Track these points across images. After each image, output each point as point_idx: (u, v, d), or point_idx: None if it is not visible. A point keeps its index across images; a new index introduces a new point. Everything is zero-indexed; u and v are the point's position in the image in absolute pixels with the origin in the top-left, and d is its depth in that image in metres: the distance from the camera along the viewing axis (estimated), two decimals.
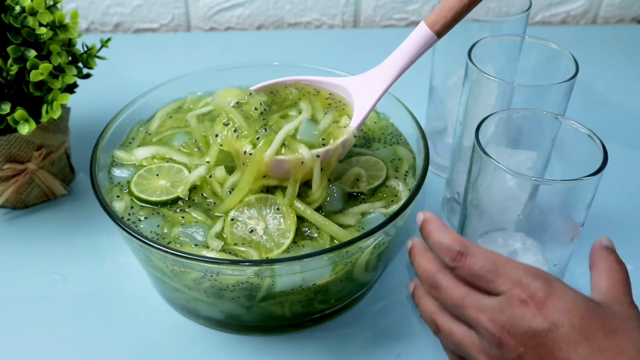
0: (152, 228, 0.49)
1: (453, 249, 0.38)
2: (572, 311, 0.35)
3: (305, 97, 0.54)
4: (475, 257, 0.38)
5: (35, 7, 0.54)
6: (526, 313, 0.35)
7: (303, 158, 0.48)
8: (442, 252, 0.39)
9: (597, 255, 0.43)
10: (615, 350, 0.34)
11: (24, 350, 0.51)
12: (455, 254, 0.38)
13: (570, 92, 0.49)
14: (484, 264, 0.37)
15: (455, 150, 0.56)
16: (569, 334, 0.35)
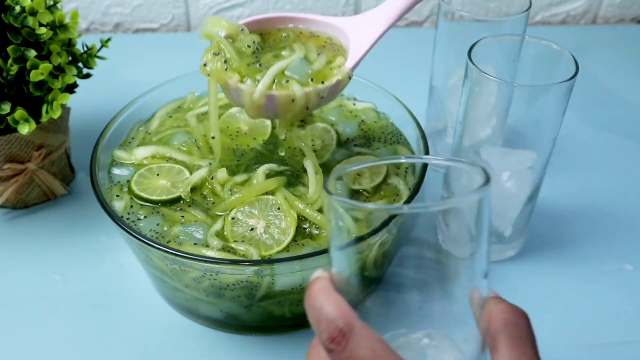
0: (151, 227, 0.49)
1: (335, 324, 0.30)
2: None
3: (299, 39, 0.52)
4: (359, 345, 0.29)
5: (35, 7, 0.54)
6: None
7: (294, 95, 0.46)
8: (321, 324, 0.30)
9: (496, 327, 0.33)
10: None
11: (24, 350, 0.51)
12: (335, 332, 0.30)
13: (570, 92, 0.49)
14: (367, 354, 0.29)
15: (455, 150, 0.56)
16: None
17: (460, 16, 0.59)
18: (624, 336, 0.53)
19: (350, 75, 0.48)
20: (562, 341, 0.52)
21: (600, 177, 0.69)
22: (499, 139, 0.53)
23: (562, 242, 0.61)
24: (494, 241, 0.58)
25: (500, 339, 0.31)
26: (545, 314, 0.54)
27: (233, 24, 0.49)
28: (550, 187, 0.66)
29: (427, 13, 0.99)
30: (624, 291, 0.56)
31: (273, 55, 0.49)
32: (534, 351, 0.31)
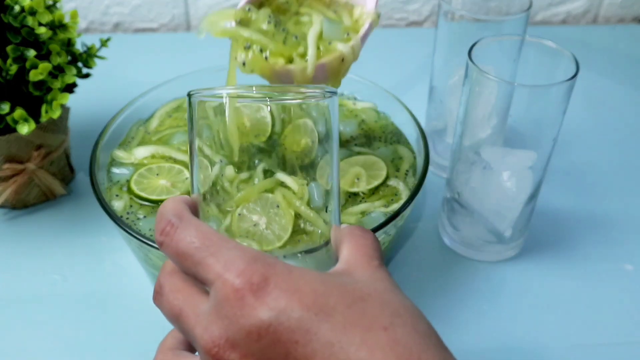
0: (150, 226, 0.49)
1: (165, 218, 0.30)
2: (300, 289, 0.27)
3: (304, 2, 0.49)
4: (186, 231, 0.29)
5: (35, 6, 0.54)
6: (244, 308, 0.26)
7: (343, 55, 0.44)
8: (156, 224, 0.31)
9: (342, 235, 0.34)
10: (365, 323, 0.27)
11: (24, 351, 0.51)
12: (165, 224, 0.30)
13: (571, 91, 0.49)
14: (194, 239, 0.29)
15: (456, 150, 0.56)
16: (303, 319, 0.26)
17: (460, 16, 0.59)
18: (624, 336, 0.53)
19: (378, 14, 0.46)
20: (562, 341, 0.52)
21: (601, 177, 0.69)
22: (499, 139, 0.53)
23: (563, 242, 0.61)
24: (494, 241, 0.58)
25: (345, 244, 0.32)
26: (546, 313, 0.54)
27: (238, 9, 0.46)
28: (551, 187, 0.66)
29: (427, 13, 0.99)
30: (624, 291, 0.56)
31: (293, 22, 0.46)
32: (377, 255, 0.32)
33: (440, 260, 0.59)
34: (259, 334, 0.26)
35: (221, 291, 0.27)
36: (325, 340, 0.26)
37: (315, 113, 0.35)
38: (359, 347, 0.26)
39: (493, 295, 0.56)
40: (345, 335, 0.26)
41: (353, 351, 0.26)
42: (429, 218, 0.63)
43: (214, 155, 0.36)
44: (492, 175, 0.53)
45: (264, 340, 0.26)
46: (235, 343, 0.27)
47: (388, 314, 0.28)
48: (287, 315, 0.26)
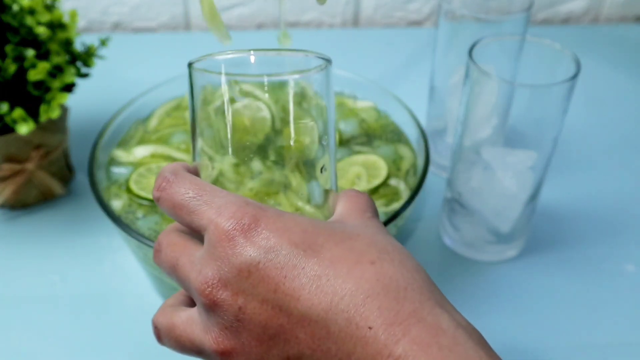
0: (150, 225, 0.49)
1: (162, 175, 0.31)
2: (290, 229, 0.28)
3: None
4: (180, 184, 0.31)
5: (34, 6, 0.54)
6: (235, 247, 0.27)
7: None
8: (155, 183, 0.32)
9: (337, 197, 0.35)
10: (353, 258, 0.27)
11: (23, 351, 0.51)
12: (161, 181, 0.31)
13: (572, 91, 0.48)
14: (188, 190, 0.30)
15: (456, 150, 0.56)
16: (291, 255, 0.27)
17: (461, 15, 0.58)
18: (625, 337, 0.52)
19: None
20: (563, 341, 0.52)
21: (602, 177, 0.69)
22: (499, 139, 0.53)
23: (564, 242, 0.61)
24: (494, 241, 0.57)
25: (339, 203, 0.33)
26: (546, 314, 0.54)
27: None
28: (552, 187, 0.66)
29: (427, 13, 0.99)
30: (625, 292, 0.56)
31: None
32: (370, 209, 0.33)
33: (440, 260, 0.59)
34: (249, 271, 0.27)
35: (214, 234, 0.28)
36: (312, 274, 0.27)
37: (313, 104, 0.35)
38: (345, 279, 0.27)
39: (493, 296, 0.56)
40: (333, 269, 0.27)
41: (340, 283, 0.27)
42: (430, 218, 0.63)
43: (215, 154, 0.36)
44: (492, 175, 0.53)
45: (253, 276, 0.27)
46: (227, 281, 0.27)
47: (375, 251, 0.28)
48: (276, 252, 0.27)
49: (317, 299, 0.27)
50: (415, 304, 0.27)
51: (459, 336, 0.26)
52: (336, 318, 0.26)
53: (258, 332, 0.28)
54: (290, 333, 0.27)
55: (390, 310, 0.26)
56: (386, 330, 0.26)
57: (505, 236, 0.57)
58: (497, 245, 0.58)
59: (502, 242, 0.57)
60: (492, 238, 0.57)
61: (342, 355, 0.26)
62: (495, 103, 0.50)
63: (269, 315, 0.27)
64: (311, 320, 0.27)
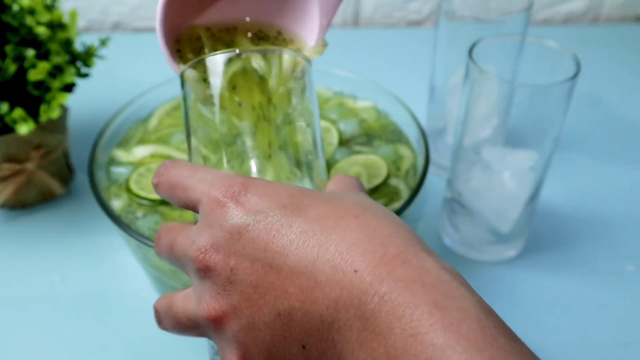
0: (150, 225, 0.49)
1: (162, 164, 0.34)
2: (278, 193, 0.29)
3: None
4: (177, 166, 0.33)
5: (34, 6, 0.54)
6: (226, 213, 0.29)
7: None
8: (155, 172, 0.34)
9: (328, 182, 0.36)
10: (338, 213, 0.29)
11: (23, 351, 0.51)
12: (160, 168, 0.33)
13: (572, 91, 0.48)
14: (184, 170, 0.32)
15: (456, 150, 0.56)
16: (279, 215, 0.28)
17: (461, 15, 0.58)
18: (625, 337, 0.52)
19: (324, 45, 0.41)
20: (563, 341, 0.52)
21: (602, 177, 0.69)
22: (499, 139, 0.53)
23: (564, 242, 0.61)
24: (494, 241, 0.57)
25: (329, 184, 0.35)
26: (547, 314, 0.54)
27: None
28: (552, 187, 0.66)
29: (427, 13, 0.99)
30: (625, 292, 0.56)
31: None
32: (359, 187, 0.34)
33: None
34: (240, 233, 0.28)
35: (207, 204, 0.30)
36: (300, 230, 0.28)
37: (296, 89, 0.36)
38: (331, 232, 0.28)
39: (493, 296, 0.56)
40: (319, 224, 0.28)
41: (326, 236, 0.28)
42: (430, 218, 0.63)
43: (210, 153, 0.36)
44: (492, 175, 0.53)
45: (244, 238, 0.28)
46: (219, 245, 0.29)
47: (360, 208, 0.29)
48: (265, 214, 0.28)
49: (304, 253, 0.27)
50: (400, 248, 0.27)
51: (442, 275, 0.27)
52: (323, 267, 0.27)
53: (249, 292, 0.28)
54: (280, 289, 0.28)
55: (375, 254, 0.27)
56: (371, 271, 0.26)
57: (505, 236, 0.57)
58: (497, 245, 0.58)
59: (502, 242, 0.57)
60: (492, 238, 0.57)
61: (329, 302, 0.27)
62: (495, 103, 0.50)
63: (260, 274, 0.28)
64: (300, 273, 0.27)
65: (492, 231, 0.57)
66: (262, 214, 0.28)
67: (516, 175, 0.53)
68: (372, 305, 0.26)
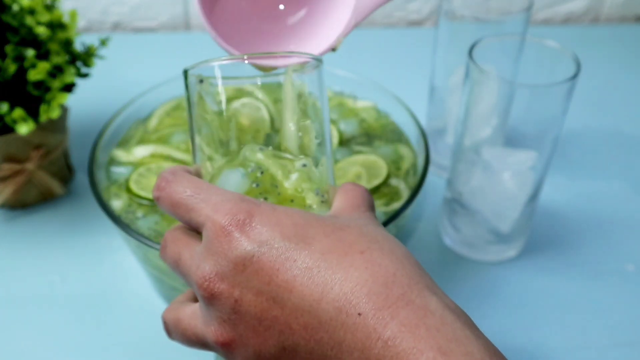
0: (149, 225, 0.49)
1: (162, 176, 0.33)
2: (282, 223, 0.29)
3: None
4: (178, 183, 0.32)
5: (34, 6, 0.54)
6: (231, 242, 0.29)
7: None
8: (155, 184, 0.33)
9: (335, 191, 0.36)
10: (343, 248, 0.28)
11: (22, 351, 0.51)
12: (161, 181, 0.33)
13: (572, 91, 0.48)
14: (186, 189, 0.31)
15: (456, 150, 0.56)
16: (283, 248, 0.28)
17: (461, 15, 0.58)
18: (625, 337, 0.52)
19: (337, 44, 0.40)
20: (563, 341, 0.52)
21: (602, 177, 0.69)
22: (499, 139, 0.53)
23: (564, 242, 0.61)
24: (495, 241, 0.57)
25: (337, 196, 0.34)
26: (546, 314, 0.54)
27: None
28: (552, 187, 0.66)
29: (427, 13, 0.99)
30: (625, 292, 0.56)
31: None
32: (366, 204, 0.34)
33: (440, 260, 0.59)
34: (244, 265, 0.28)
35: (211, 230, 0.30)
36: (304, 266, 0.28)
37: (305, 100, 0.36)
38: (335, 270, 0.28)
39: (494, 296, 0.56)
40: (324, 261, 0.28)
41: (330, 274, 0.27)
42: (430, 218, 0.63)
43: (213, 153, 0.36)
44: (492, 175, 0.53)
45: (248, 269, 0.28)
46: (224, 275, 0.29)
47: (365, 241, 0.29)
48: (269, 245, 0.28)
49: (309, 290, 0.27)
50: (404, 288, 0.27)
51: (446, 317, 0.27)
52: (327, 308, 0.27)
53: (254, 324, 0.28)
54: (285, 324, 0.28)
55: (378, 295, 0.27)
56: (375, 315, 0.26)
57: (505, 236, 0.57)
58: (497, 245, 0.58)
59: (502, 242, 0.57)
60: (492, 238, 0.57)
61: (334, 344, 0.27)
62: (495, 103, 0.50)
63: (264, 307, 0.28)
64: (304, 311, 0.27)
65: (492, 231, 0.57)
66: (266, 246, 0.28)
67: (516, 175, 0.53)
68: (377, 350, 0.26)
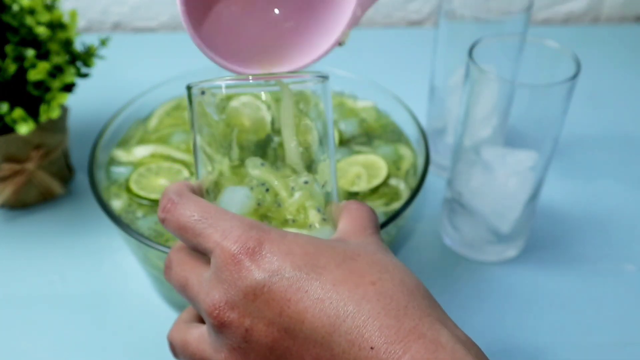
0: (149, 225, 0.49)
1: (167, 197, 0.32)
2: (292, 252, 0.29)
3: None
4: (185, 206, 0.31)
5: (34, 6, 0.54)
6: (241, 271, 0.28)
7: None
8: (159, 205, 0.33)
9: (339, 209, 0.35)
10: (354, 279, 0.28)
11: (23, 351, 0.51)
12: (166, 202, 0.32)
13: (572, 91, 0.48)
14: (193, 213, 0.31)
15: (456, 150, 0.56)
16: (295, 278, 0.28)
17: (461, 15, 0.58)
18: (625, 337, 0.52)
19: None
20: (563, 341, 0.52)
21: (602, 177, 0.68)
22: (499, 139, 0.53)
23: (564, 242, 0.61)
24: (494, 241, 0.57)
25: (341, 219, 0.34)
26: (546, 314, 0.54)
27: None
28: (552, 187, 0.66)
29: (427, 13, 0.99)
30: (625, 292, 0.56)
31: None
32: (372, 225, 0.34)
33: (440, 260, 0.59)
34: (255, 294, 0.28)
35: (220, 258, 0.29)
36: (315, 297, 0.28)
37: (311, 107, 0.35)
38: (347, 302, 0.28)
39: (493, 296, 0.56)
40: (335, 292, 0.28)
41: (342, 306, 0.27)
42: (430, 218, 0.63)
43: (215, 154, 0.36)
44: (492, 175, 0.53)
45: (259, 299, 0.28)
46: (234, 304, 0.29)
47: (376, 271, 0.29)
48: (280, 275, 0.28)
49: (321, 322, 0.27)
50: (415, 321, 0.27)
51: (457, 350, 0.27)
52: (339, 340, 0.27)
53: (265, 354, 0.29)
54: (297, 355, 0.28)
55: (390, 329, 0.27)
56: (387, 349, 0.26)
57: (505, 236, 0.57)
58: (497, 245, 0.58)
59: (502, 242, 0.57)
60: (492, 238, 0.57)
61: None
62: (495, 103, 0.50)
63: (275, 337, 0.28)
64: (316, 342, 0.28)
65: (492, 231, 0.57)
66: (277, 276, 0.28)
67: (516, 175, 0.53)
68: None
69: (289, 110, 0.36)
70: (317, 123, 0.36)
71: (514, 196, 0.54)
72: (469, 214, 0.57)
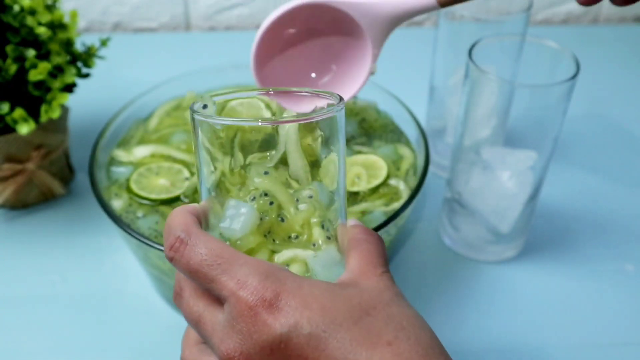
0: (150, 225, 0.49)
1: (174, 234, 0.31)
2: (309, 305, 0.29)
3: None
4: (196, 248, 0.30)
5: (34, 6, 0.54)
6: (257, 324, 0.28)
7: None
8: (165, 239, 0.32)
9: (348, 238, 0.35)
10: (371, 339, 0.28)
11: (23, 351, 0.51)
12: (174, 240, 0.31)
13: (572, 91, 0.48)
14: (205, 257, 0.30)
15: (456, 150, 0.56)
16: (312, 336, 0.28)
17: (460, 15, 0.58)
18: (625, 337, 0.52)
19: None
20: (562, 341, 0.52)
21: (602, 177, 0.69)
22: (499, 139, 0.53)
23: (563, 242, 0.61)
24: (494, 241, 0.57)
25: (351, 253, 0.34)
26: (546, 314, 0.54)
27: None
28: (551, 187, 0.66)
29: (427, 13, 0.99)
30: (625, 292, 0.56)
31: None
32: (382, 261, 0.34)
33: (440, 260, 0.59)
34: (272, 349, 0.28)
35: (235, 307, 0.29)
36: (332, 357, 0.28)
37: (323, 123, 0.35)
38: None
39: (493, 296, 0.56)
40: (352, 353, 0.28)
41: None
42: (429, 218, 0.63)
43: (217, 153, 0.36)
44: (492, 175, 0.53)
45: (275, 354, 0.28)
46: (250, 356, 0.29)
47: (392, 329, 0.29)
48: (298, 331, 0.28)
49: None
50: None
51: None
52: None
53: None
54: None
55: None
56: None
57: (505, 236, 0.57)
58: (497, 245, 0.58)
59: (502, 242, 0.57)
60: (492, 238, 0.57)
61: None
62: (495, 103, 0.50)
63: None
64: None
65: (492, 231, 0.57)
66: (294, 331, 0.28)
67: (516, 175, 0.53)
68: None
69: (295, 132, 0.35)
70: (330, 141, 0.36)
71: (514, 196, 0.54)
72: (468, 214, 0.57)
